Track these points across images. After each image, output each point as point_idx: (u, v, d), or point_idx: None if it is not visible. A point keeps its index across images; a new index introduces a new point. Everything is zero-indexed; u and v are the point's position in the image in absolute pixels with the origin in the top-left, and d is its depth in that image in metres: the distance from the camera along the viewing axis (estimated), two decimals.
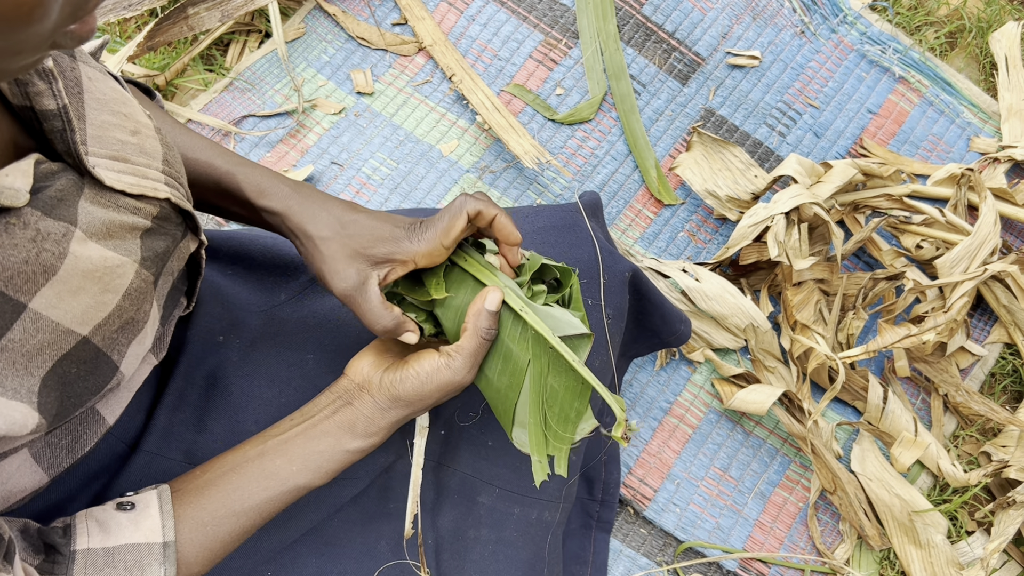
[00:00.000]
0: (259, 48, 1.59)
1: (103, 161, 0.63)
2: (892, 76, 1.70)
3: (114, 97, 0.67)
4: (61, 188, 0.59)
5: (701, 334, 1.48)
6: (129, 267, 0.63)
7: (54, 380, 0.59)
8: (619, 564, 1.38)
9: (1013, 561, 1.45)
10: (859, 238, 1.48)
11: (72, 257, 0.58)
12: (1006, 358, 1.57)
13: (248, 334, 0.89)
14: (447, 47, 1.59)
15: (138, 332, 0.67)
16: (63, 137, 0.60)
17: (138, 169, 0.66)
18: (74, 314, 0.59)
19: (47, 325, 0.57)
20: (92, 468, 0.79)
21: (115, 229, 0.63)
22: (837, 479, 1.40)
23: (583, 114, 1.59)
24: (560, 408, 0.79)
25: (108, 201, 0.63)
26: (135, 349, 0.67)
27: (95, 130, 0.63)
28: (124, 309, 0.63)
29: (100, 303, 0.61)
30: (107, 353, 0.63)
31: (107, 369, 0.64)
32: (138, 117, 0.69)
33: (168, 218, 0.70)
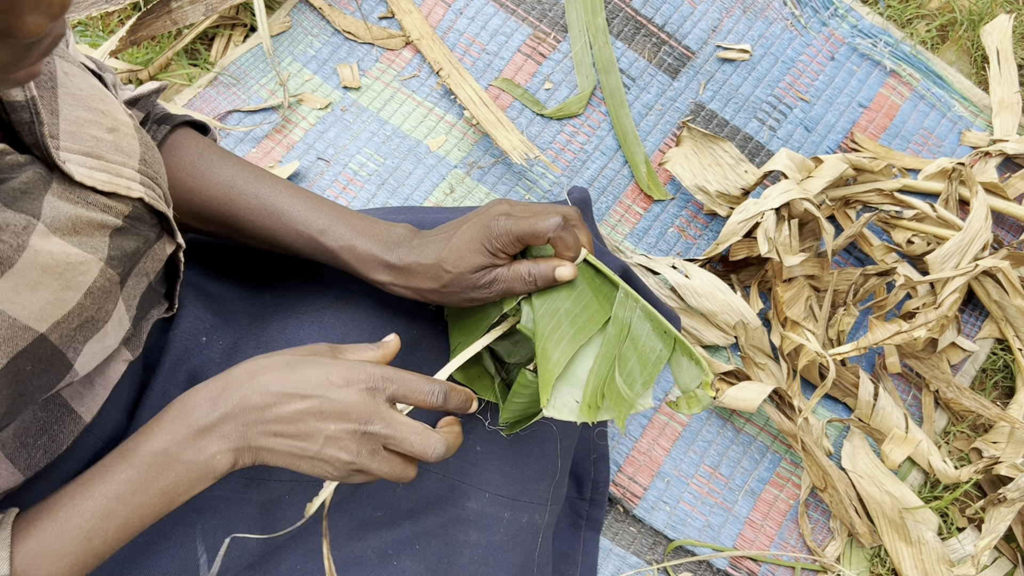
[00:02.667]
0: (244, 42, 1.58)
1: (75, 157, 0.62)
2: (883, 69, 1.69)
3: (91, 94, 0.66)
4: (26, 181, 0.58)
5: (691, 331, 1.47)
6: (93, 265, 0.62)
7: (7, 379, 0.58)
8: (609, 563, 1.38)
9: (1004, 558, 1.45)
10: (850, 233, 1.47)
11: (31, 251, 0.57)
12: (997, 354, 1.57)
13: (231, 335, 0.88)
14: (435, 41, 1.57)
15: (96, 331, 0.65)
16: (31, 129, 0.60)
17: (112, 167, 0.65)
18: (32, 310, 0.58)
19: (3, 321, 0.56)
20: (71, 468, 0.78)
21: (82, 225, 0.62)
22: (828, 476, 1.39)
23: (572, 109, 1.58)
24: (628, 375, 0.79)
25: (77, 197, 0.62)
26: (92, 347, 0.66)
27: (69, 125, 0.62)
28: (85, 307, 0.62)
29: (60, 300, 0.60)
30: (62, 351, 0.62)
31: (61, 367, 0.63)
32: (117, 115, 0.68)
33: (141, 218, 0.69)
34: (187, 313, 0.87)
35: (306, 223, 0.83)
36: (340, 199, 1.48)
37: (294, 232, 0.83)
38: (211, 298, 0.90)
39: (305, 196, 0.84)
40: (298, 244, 0.84)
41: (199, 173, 0.84)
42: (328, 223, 0.83)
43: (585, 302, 0.80)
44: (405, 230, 0.84)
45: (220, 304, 0.90)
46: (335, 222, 0.83)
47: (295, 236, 0.83)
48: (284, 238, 0.84)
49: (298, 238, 0.83)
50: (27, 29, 0.43)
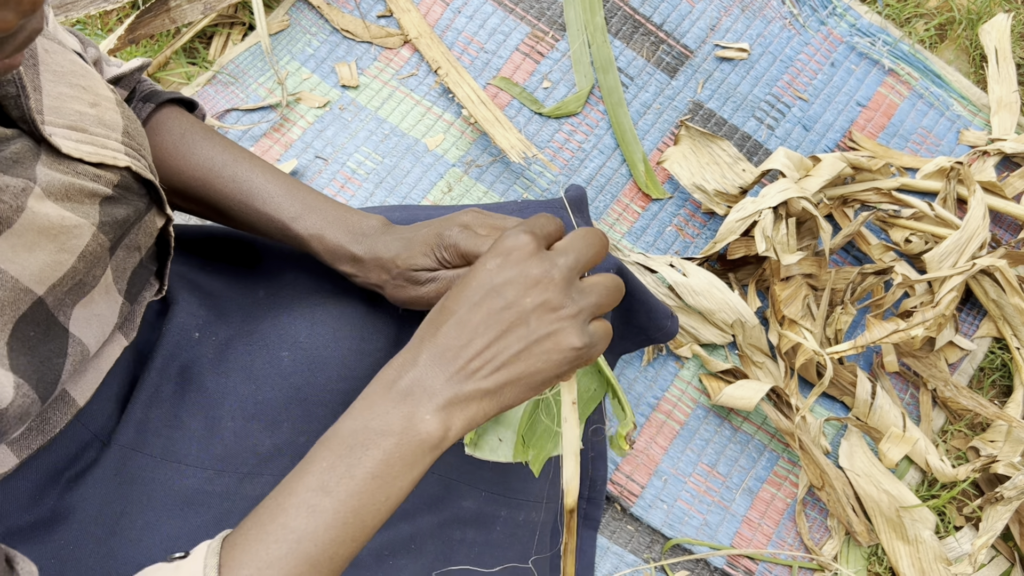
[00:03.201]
0: (242, 41, 1.58)
1: (60, 131, 0.64)
2: (882, 68, 1.69)
3: (72, 70, 0.67)
4: (16, 151, 0.60)
5: (689, 329, 1.47)
6: (86, 229, 0.63)
7: (18, 343, 0.59)
8: (606, 561, 1.38)
9: (1001, 557, 1.45)
10: (848, 232, 1.48)
11: (29, 212, 0.59)
12: (995, 352, 1.57)
13: (224, 331, 0.88)
14: (433, 40, 1.57)
15: (83, 295, 0.66)
16: (17, 103, 0.61)
17: (96, 139, 0.67)
18: (31, 271, 0.59)
19: (6, 280, 0.58)
20: (60, 457, 0.78)
21: (74, 192, 0.63)
22: (825, 475, 1.39)
23: (570, 108, 1.58)
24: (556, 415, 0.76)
25: (66, 168, 0.63)
26: (80, 312, 0.67)
27: (52, 100, 0.64)
28: (77, 271, 0.64)
29: (56, 262, 0.61)
30: (55, 315, 0.63)
31: (58, 331, 0.64)
32: (98, 90, 0.69)
33: (130, 187, 0.70)
34: (180, 308, 0.87)
35: (279, 209, 0.83)
36: (338, 197, 1.48)
37: (266, 217, 0.84)
38: (204, 293, 0.90)
39: (282, 181, 0.85)
40: (270, 229, 0.85)
41: (180, 153, 0.85)
42: (300, 210, 0.83)
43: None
44: (378, 222, 0.84)
45: (213, 299, 0.90)
46: (308, 210, 0.84)
47: (267, 221, 0.84)
48: (257, 222, 0.85)
49: (270, 223, 0.84)
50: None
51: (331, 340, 0.85)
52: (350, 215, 0.85)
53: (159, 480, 0.81)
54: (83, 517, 0.79)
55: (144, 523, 0.80)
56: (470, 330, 0.61)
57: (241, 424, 0.83)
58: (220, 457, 0.83)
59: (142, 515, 0.80)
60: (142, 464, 0.81)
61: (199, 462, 0.82)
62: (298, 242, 0.84)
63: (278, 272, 0.94)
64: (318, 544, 0.57)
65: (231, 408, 0.83)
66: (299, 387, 0.84)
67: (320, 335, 0.85)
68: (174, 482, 0.82)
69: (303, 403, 0.84)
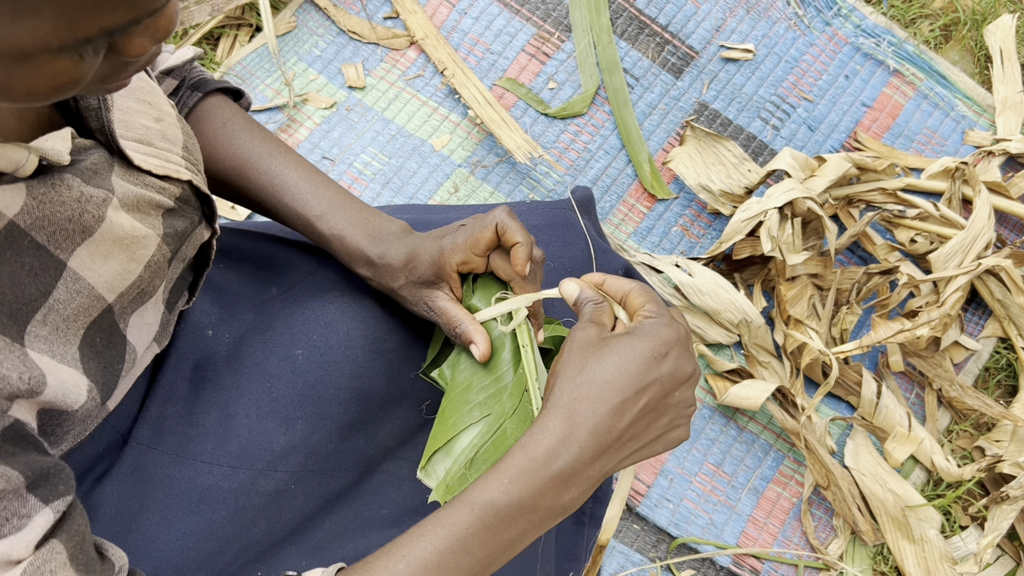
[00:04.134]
0: (250, 42, 1.58)
1: (130, 143, 0.66)
2: (887, 69, 1.69)
3: (139, 86, 0.70)
4: (95, 162, 0.62)
5: (694, 329, 1.47)
6: (153, 239, 0.66)
7: (88, 349, 0.61)
8: (612, 561, 1.38)
9: (1007, 556, 1.45)
10: (853, 232, 1.48)
11: (108, 222, 0.61)
12: (1000, 352, 1.57)
13: (238, 328, 0.88)
14: (439, 41, 1.58)
15: (142, 303, 0.68)
16: (97, 115, 0.63)
17: (161, 152, 0.69)
18: (105, 279, 0.62)
19: (84, 288, 0.60)
20: (88, 457, 0.79)
21: (143, 204, 0.66)
22: (831, 474, 1.40)
23: (576, 108, 1.59)
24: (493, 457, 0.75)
25: (136, 179, 0.66)
26: (136, 320, 0.69)
27: (121, 115, 0.66)
28: (143, 280, 0.66)
29: (126, 271, 0.64)
30: (117, 322, 0.65)
31: (119, 339, 0.66)
32: (162, 106, 0.72)
33: (188, 201, 0.73)
34: (195, 306, 0.88)
35: (306, 205, 0.85)
36: None
37: (293, 212, 0.86)
38: (218, 291, 0.91)
39: (313, 178, 0.87)
40: (296, 224, 0.87)
41: (220, 142, 0.87)
42: (326, 209, 0.85)
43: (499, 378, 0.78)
44: (398, 228, 0.86)
45: (227, 297, 0.91)
46: (333, 209, 0.85)
47: (294, 216, 0.86)
48: (285, 215, 0.87)
49: (296, 218, 0.86)
50: (133, 50, 0.48)
51: (344, 339, 0.86)
52: (374, 218, 0.86)
53: (175, 477, 0.82)
54: (103, 516, 0.80)
55: (161, 520, 0.80)
56: (630, 417, 0.64)
57: (256, 421, 0.84)
58: (235, 454, 0.83)
59: (159, 512, 0.81)
60: (158, 461, 0.82)
61: (214, 459, 0.83)
62: (321, 240, 0.86)
63: (291, 270, 0.94)
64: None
65: (245, 405, 0.84)
66: (313, 385, 0.85)
67: (334, 334, 0.86)
68: (189, 479, 0.82)
69: (317, 401, 0.85)
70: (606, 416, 0.63)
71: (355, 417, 0.87)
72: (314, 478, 0.87)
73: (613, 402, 0.63)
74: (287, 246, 0.98)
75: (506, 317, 0.81)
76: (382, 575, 0.64)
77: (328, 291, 0.90)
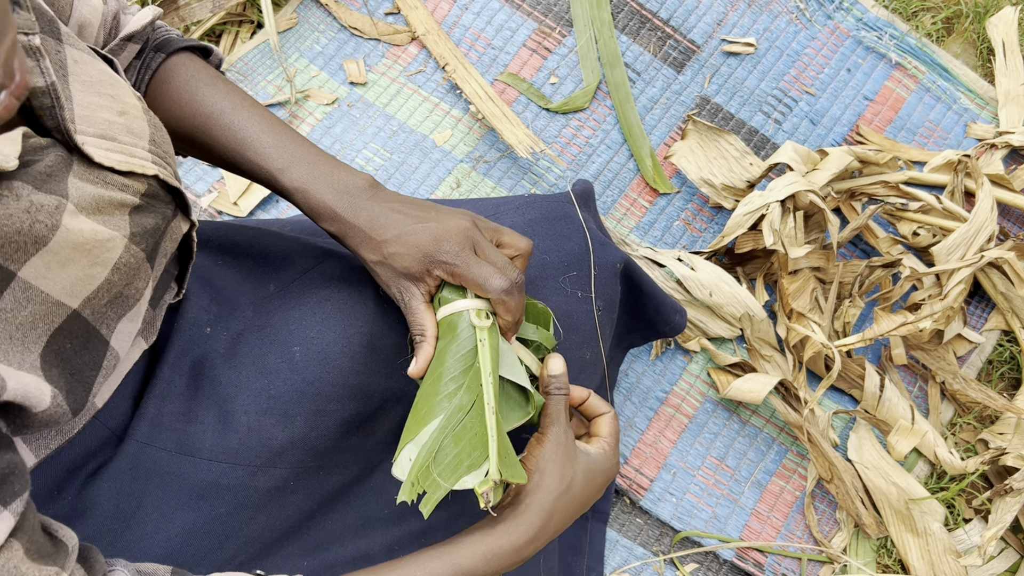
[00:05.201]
0: (251, 39, 1.59)
1: (91, 139, 0.65)
2: (888, 62, 1.69)
3: (101, 79, 0.68)
4: (51, 163, 0.61)
5: (697, 323, 1.47)
6: (118, 241, 0.65)
7: (52, 356, 0.60)
8: (615, 554, 1.38)
9: (1010, 548, 1.45)
10: (855, 225, 1.48)
11: (64, 229, 0.60)
12: (1003, 345, 1.57)
13: (236, 325, 0.88)
14: (440, 36, 1.58)
15: (128, 309, 0.68)
16: (52, 113, 0.62)
17: (125, 147, 0.68)
18: (63, 285, 0.60)
19: (37, 295, 0.59)
20: (78, 454, 0.79)
21: (104, 205, 0.64)
22: (834, 467, 1.40)
23: (577, 103, 1.59)
24: (461, 449, 0.76)
25: (96, 178, 0.64)
26: (125, 326, 0.68)
27: (82, 110, 0.65)
28: (113, 283, 0.65)
29: (89, 276, 0.62)
30: (96, 327, 0.65)
31: (98, 344, 0.66)
32: (126, 98, 0.70)
33: (157, 196, 0.71)
34: (192, 303, 0.87)
35: (268, 159, 0.83)
36: None
37: (256, 167, 0.84)
38: (216, 288, 0.91)
39: (277, 132, 0.85)
40: (260, 179, 0.85)
41: (184, 100, 0.85)
42: (288, 162, 0.83)
43: (468, 363, 0.79)
44: (364, 181, 0.84)
45: (225, 294, 0.91)
46: (295, 162, 0.83)
47: (257, 170, 0.84)
48: (249, 171, 0.85)
49: (260, 172, 0.84)
50: None
51: (342, 336, 0.86)
52: (338, 171, 0.84)
53: (173, 474, 0.82)
54: (100, 512, 0.80)
55: (159, 516, 0.81)
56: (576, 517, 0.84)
57: (254, 418, 0.84)
58: (234, 451, 0.83)
59: (157, 508, 0.81)
60: (156, 458, 0.82)
61: (212, 455, 0.83)
62: (285, 194, 0.84)
63: (289, 267, 0.94)
64: None
65: (244, 402, 0.84)
66: (311, 381, 0.85)
67: (331, 330, 0.86)
68: (188, 476, 0.82)
69: (315, 397, 0.85)
70: (568, 520, 0.82)
71: (354, 414, 0.87)
72: (313, 475, 0.87)
73: (575, 512, 0.82)
74: (287, 242, 0.98)
75: (483, 313, 0.80)
76: None
77: (326, 287, 0.90)
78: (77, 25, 0.77)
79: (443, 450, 0.75)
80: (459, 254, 0.79)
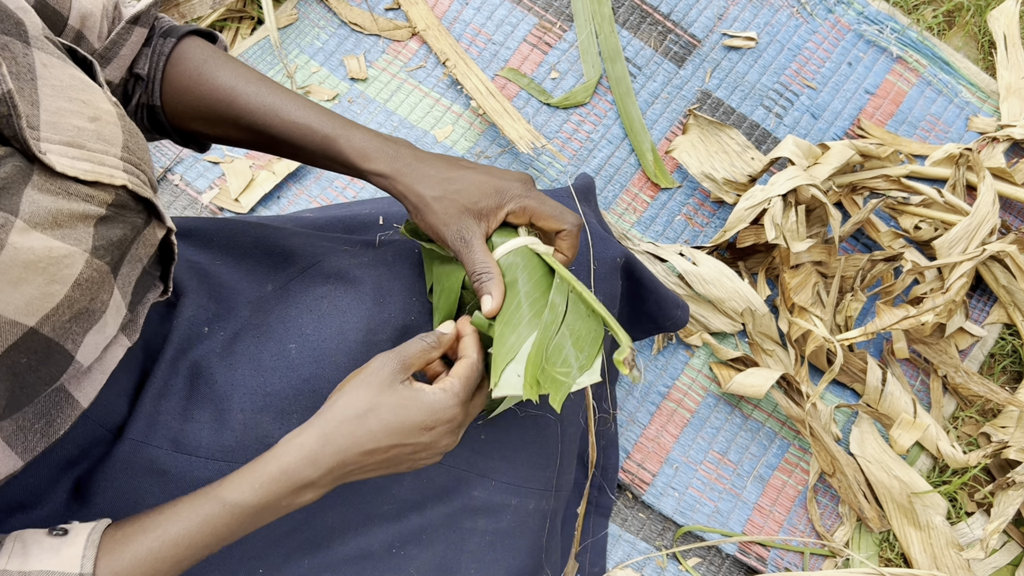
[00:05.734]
0: (251, 35, 1.58)
1: (56, 147, 0.63)
2: (890, 56, 1.69)
3: (71, 84, 0.66)
4: (4, 176, 0.58)
5: (698, 318, 1.47)
6: (78, 257, 0.62)
7: (2, 371, 0.59)
8: (618, 549, 1.38)
9: (1013, 542, 1.45)
10: (857, 219, 1.48)
11: (11, 248, 0.57)
12: (1005, 339, 1.57)
13: (233, 324, 0.88)
14: (441, 32, 1.58)
15: (95, 322, 0.66)
16: (9, 123, 0.60)
17: (94, 155, 0.65)
18: (16, 305, 0.58)
19: None
20: (71, 453, 0.79)
21: (64, 218, 0.62)
22: (836, 461, 1.40)
23: (578, 98, 1.58)
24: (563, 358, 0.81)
25: (58, 188, 0.62)
26: (93, 338, 0.67)
27: (49, 116, 0.63)
28: (75, 299, 0.63)
29: (46, 294, 0.60)
30: (60, 343, 0.63)
31: (61, 359, 0.64)
32: (98, 104, 0.68)
33: (126, 205, 0.69)
34: (190, 302, 0.87)
35: (305, 117, 0.85)
36: (348, 190, 1.49)
37: (291, 124, 0.84)
38: (214, 286, 0.91)
39: (305, 100, 0.87)
40: (294, 136, 0.85)
41: (203, 79, 0.85)
42: (325, 117, 0.85)
43: (542, 288, 0.82)
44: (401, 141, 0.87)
45: (223, 293, 0.91)
46: (331, 117, 0.85)
47: (291, 128, 0.85)
48: (281, 131, 0.85)
49: (294, 129, 0.84)
50: None
51: (337, 332, 0.86)
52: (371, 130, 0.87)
53: (170, 472, 0.82)
54: (97, 511, 0.80)
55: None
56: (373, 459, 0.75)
57: (251, 416, 0.84)
58: (231, 449, 0.83)
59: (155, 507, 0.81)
60: (152, 457, 0.82)
61: (209, 454, 0.83)
62: (325, 145, 0.84)
63: (288, 266, 0.94)
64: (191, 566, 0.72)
65: (240, 400, 0.84)
66: (307, 379, 0.85)
67: (327, 327, 0.86)
68: (185, 474, 0.82)
69: (312, 395, 0.85)
70: (353, 453, 0.73)
71: None
72: None
73: (365, 447, 0.73)
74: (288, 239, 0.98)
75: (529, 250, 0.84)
76: (139, 549, 0.68)
77: (323, 285, 0.90)
78: (80, 17, 0.76)
79: (551, 355, 0.80)
80: (532, 191, 0.83)
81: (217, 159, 1.48)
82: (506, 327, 0.80)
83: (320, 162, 0.87)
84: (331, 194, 1.49)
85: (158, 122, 0.87)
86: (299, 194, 1.48)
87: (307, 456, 0.72)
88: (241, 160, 1.48)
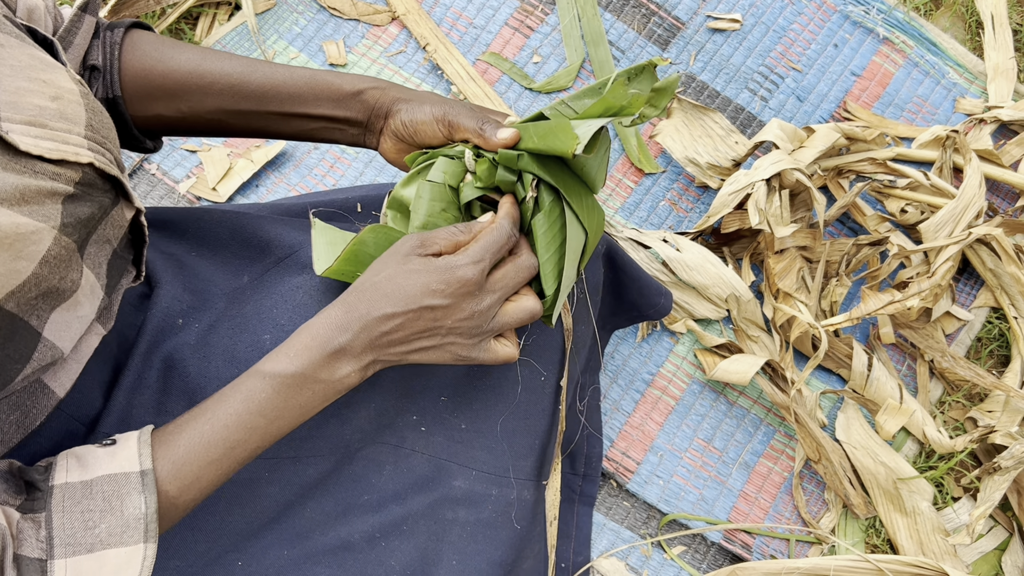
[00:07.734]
0: (229, 21, 1.56)
1: (18, 127, 0.62)
2: (876, 37, 1.67)
3: (31, 64, 0.66)
4: None
5: (683, 304, 1.46)
6: (46, 233, 0.62)
7: None
8: (602, 538, 1.38)
9: (999, 527, 1.44)
10: (842, 203, 1.46)
11: None
12: (992, 322, 1.56)
13: (208, 316, 0.87)
14: (421, 16, 1.56)
15: (62, 300, 0.66)
16: None
17: (57, 134, 0.65)
18: None
19: None
20: (45, 447, 0.78)
21: (31, 195, 0.61)
22: (822, 448, 1.39)
23: (561, 82, 1.56)
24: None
25: (23, 167, 0.62)
26: (61, 316, 0.66)
27: (9, 96, 0.63)
28: (42, 277, 0.62)
29: (12, 271, 0.60)
30: (24, 319, 0.62)
31: (27, 335, 0.63)
32: (60, 83, 0.68)
33: (93, 184, 0.69)
34: (165, 292, 0.86)
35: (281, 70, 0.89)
36: (327, 178, 1.47)
37: (270, 76, 0.88)
38: (190, 276, 0.90)
39: (266, 63, 0.90)
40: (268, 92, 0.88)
41: (166, 57, 0.87)
42: (301, 69, 0.89)
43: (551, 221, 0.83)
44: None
45: (199, 284, 0.90)
46: (299, 70, 0.89)
47: (271, 80, 0.88)
48: (256, 90, 0.88)
49: (275, 78, 0.88)
50: None
51: None
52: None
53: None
54: None
55: None
56: (394, 324, 0.76)
57: None
58: None
59: None
60: None
61: None
62: (310, 85, 0.88)
63: (264, 257, 0.93)
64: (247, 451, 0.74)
65: (214, 392, 0.83)
66: None
67: (302, 317, 0.85)
68: None
69: None
70: (374, 317, 0.75)
71: None
72: (288, 465, 0.86)
73: (384, 310, 0.75)
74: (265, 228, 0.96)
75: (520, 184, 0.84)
76: (192, 434, 0.71)
77: (298, 275, 0.89)
78: (26, 9, 0.77)
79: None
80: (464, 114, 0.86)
81: (195, 148, 1.46)
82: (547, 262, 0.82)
83: (298, 118, 0.90)
84: (310, 182, 1.47)
85: (118, 114, 0.87)
86: (278, 182, 1.46)
87: (333, 322, 0.75)
88: (219, 148, 1.46)
